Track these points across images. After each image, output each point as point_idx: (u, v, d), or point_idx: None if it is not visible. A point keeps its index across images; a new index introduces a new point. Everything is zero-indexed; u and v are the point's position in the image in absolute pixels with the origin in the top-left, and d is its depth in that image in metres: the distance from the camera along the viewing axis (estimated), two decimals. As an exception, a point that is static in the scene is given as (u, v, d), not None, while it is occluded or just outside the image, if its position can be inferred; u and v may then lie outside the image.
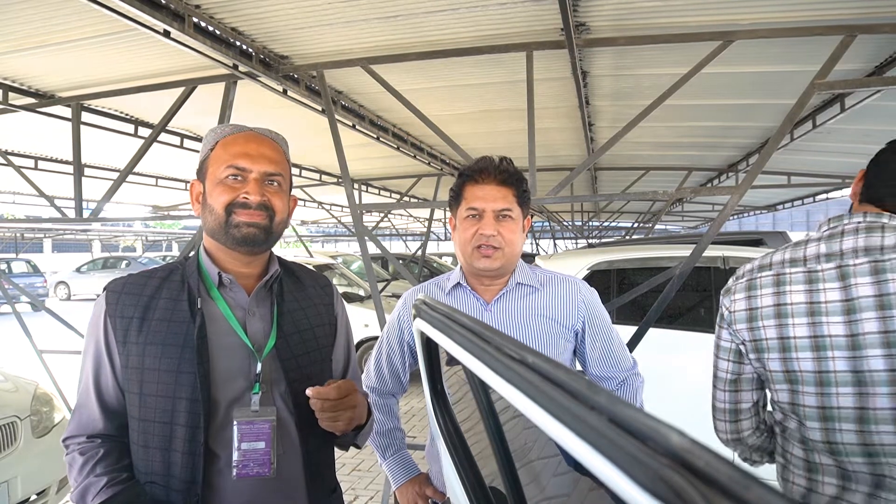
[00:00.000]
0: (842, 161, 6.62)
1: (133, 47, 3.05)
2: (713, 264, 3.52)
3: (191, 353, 1.08)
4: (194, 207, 1.21)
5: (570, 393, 0.41)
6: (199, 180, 1.20)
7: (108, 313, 1.12)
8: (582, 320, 1.52)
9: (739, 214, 15.67)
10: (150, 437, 1.08)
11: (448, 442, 0.98)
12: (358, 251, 10.86)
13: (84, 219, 3.99)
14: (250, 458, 1.09)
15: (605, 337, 1.55)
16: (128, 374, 1.10)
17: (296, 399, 1.15)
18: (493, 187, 1.44)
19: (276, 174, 1.17)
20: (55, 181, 6.85)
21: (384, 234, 17.72)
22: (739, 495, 0.27)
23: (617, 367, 1.57)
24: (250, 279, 1.20)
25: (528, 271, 1.55)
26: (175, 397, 1.07)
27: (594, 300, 1.56)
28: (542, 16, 2.71)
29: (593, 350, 1.55)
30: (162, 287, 1.15)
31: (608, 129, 5.09)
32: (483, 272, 1.49)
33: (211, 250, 1.19)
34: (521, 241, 1.48)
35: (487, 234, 1.43)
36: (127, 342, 1.10)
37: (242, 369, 1.13)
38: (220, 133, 1.20)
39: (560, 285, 1.54)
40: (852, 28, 2.60)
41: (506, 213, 1.44)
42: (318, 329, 1.26)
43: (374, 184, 9.32)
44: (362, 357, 7.19)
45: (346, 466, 4.47)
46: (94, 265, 20.55)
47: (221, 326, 1.14)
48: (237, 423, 1.09)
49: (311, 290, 1.31)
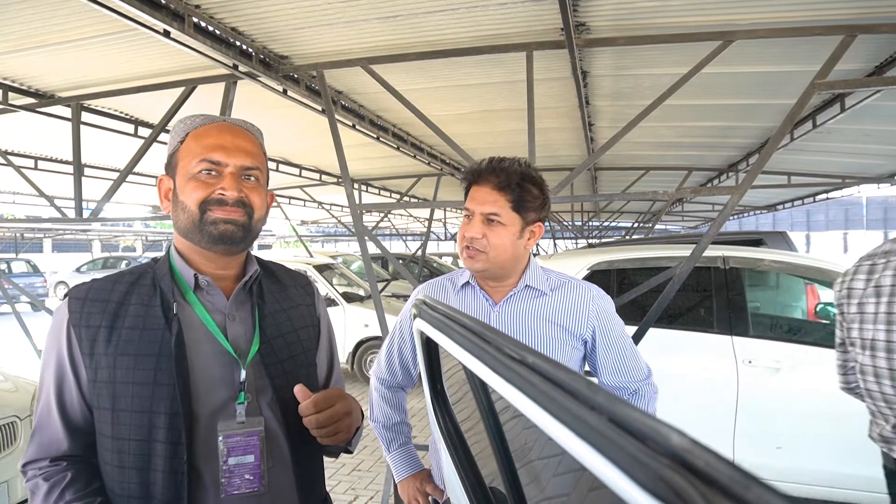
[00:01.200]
0: (842, 161, 6.62)
1: (133, 47, 3.05)
2: (713, 264, 3.52)
3: (168, 363, 0.99)
4: (163, 205, 1.12)
5: (570, 393, 0.41)
6: (168, 176, 1.11)
7: (72, 322, 1.02)
8: (592, 329, 1.50)
9: (739, 214, 15.68)
10: (125, 457, 0.98)
11: (448, 442, 0.98)
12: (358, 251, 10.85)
13: (84, 219, 3.99)
14: (239, 473, 1.02)
15: (618, 346, 1.53)
16: (97, 389, 1.00)
17: (283, 407, 1.08)
18: (487, 191, 1.44)
19: (254, 168, 1.09)
20: (55, 181, 6.86)
21: (384, 234, 17.73)
22: (739, 495, 0.27)
23: (630, 377, 1.55)
24: (228, 281, 1.12)
25: (540, 275, 1.54)
26: (152, 412, 0.98)
27: (607, 308, 1.53)
28: (542, 16, 2.71)
29: (605, 359, 1.53)
30: (131, 292, 1.05)
31: (608, 129, 5.10)
32: (472, 272, 1.51)
33: (184, 251, 1.10)
34: (512, 247, 1.45)
35: (470, 237, 1.44)
36: (94, 354, 1.00)
37: (225, 378, 1.04)
38: (190, 124, 1.10)
39: (572, 291, 1.52)
40: (852, 28, 2.60)
41: (493, 218, 1.43)
42: (301, 331, 1.19)
43: (374, 184, 9.32)
44: (362, 357, 7.19)
45: (346, 466, 4.47)
46: (94, 265, 20.56)
47: (200, 333, 1.05)
48: (223, 436, 1.01)
49: (292, 290, 1.23)
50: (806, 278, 4.01)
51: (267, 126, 1.25)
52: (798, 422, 3.17)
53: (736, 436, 3.23)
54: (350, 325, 7.23)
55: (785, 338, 3.54)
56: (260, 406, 1.07)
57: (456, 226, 19.15)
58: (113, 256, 22.26)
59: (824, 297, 4.67)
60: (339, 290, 7.63)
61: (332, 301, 7.39)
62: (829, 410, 3.16)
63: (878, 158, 6.41)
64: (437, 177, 7.72)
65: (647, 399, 1.57)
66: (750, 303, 3.58)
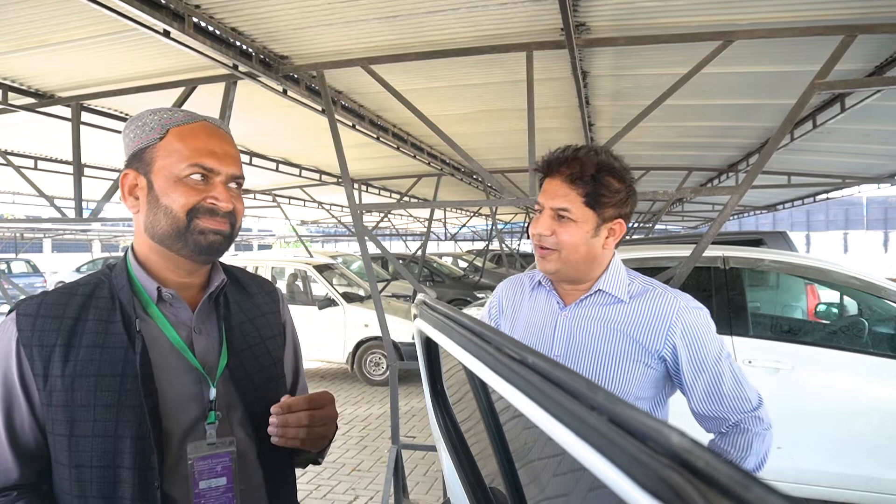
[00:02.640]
0: (842, 161, 6.62)
1: (133, 47, 3.05)
2: (713, 264, 3.52)
3: (133, 383, 0.93)
4: (128, 203, 1.02)
5: (570, 393, 0.41)
6: (136, 171, 1.01)
7: (22, 342, 0.93)
8: (672, 346, 1.29)
9: (739, 214, 15.68)
10: (87, 486, 0.91)
11: (448, 442, 0.98)
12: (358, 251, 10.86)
13: (84, 219, 3.99)
14: (212, 497, 0.97)
15: (711, 370, 1.29)
16: (52, 414, 0.92)
17: (255, 424, 1.04)
18: (558, 183, 1.31)
19: (240, 176, 1.04)
20: (55, 181, 6.86)
21: (384, 234, 17.73)
22: (739, 495, 0.27)
23: (727, 408, 1.30)
24: (192, 290, 1.05)
25: (620, 280, 1.37)
26: (116, 436, 0.91)
27: (696, 323, 1.30)
28: (542, 16, 2.71)
29: (695, 384, 1.30)
30: (87, 306, 0.98)
31: (608, 129, 5.10)
32: (545, 274, 1.38)
33: (149, 257, 1.03)
34: (585, 246, 1.31)
35: (538, 233, 1.32)
36: (49, 375, 0.92)
37: (194, 397, 0.99)
38: (168, 119, 1.01)
39: (655, 300, 1.33)
40: (852, 28, 2.60)
41: (562, 213, 1.29)
42: (269, 342, 1.13)
43: (374, 184, 9.32)
44: (363, 357, 7.19)
45: (346, 467, 4.47)
46: (93, 265, 20.56)
47: (164, 349, 0.98)
48: (193, 459, 0.96)
49: (258, 297, 1.17)
50: (806, 278, 4.01)
51: (267, 126, 1.25)
52: (798, 422, 3.17)
53: (736, 436, 3.23)
54: (350, 325, 7.23)
55: (785, 338, 3.53)
56: (231, 425, 1.02)
57: (455, 226, 19.15)
58: (113, 256, 22.26)
59: (824, 297, 4.67)
60: (339, 290, 7.63)
61: (333, 301, 7.39)
62: (829, 410, 3.16)
63: (878, 158, 6.41)
64: (437, 177, 7.72)
65: (753, 435, 1.28)
66: (750, 303, 3.58)
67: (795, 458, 3.16)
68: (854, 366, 3.18)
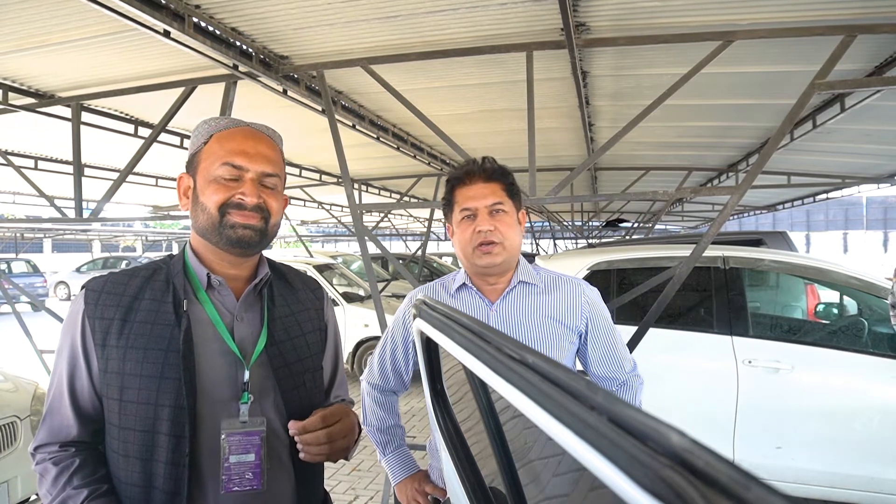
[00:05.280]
0: (842, 161, 6.62)
1: (133, 47, 3.05)
2: (713, 264, 3.52)
3: (175, 358, 1.02)
4: (181, 202, 1.15)
5: (570, 393, 0.41)
6: (188, 174, 1.13)
7: (87, 314, 1.05)
8: (585, 321, 1.51)
9: (739, 214, 15.67)
10: (130, 446, 1.01)
11: (448, 442, 0.98)
12: (358, 251, 10.86)
13: (84, 219, 3.99)
14: (239, 471, 1.04)
15: (607, 337, 1.54)
16: (107, 379, 1.03)
17: (288, 410, 1.11)
18: (480, 185, 1.45)
19: (273, 175, 1.12)
20: (55, 181, 6.86)
21: (384, 234, 17.73)
22: (739, 495, 0.27)
23: (619, 368, 1.56)
24: (239, 282, 1.15)
25: (530, 270, 1.53)
26: (157, 404, 1.01)
27: (597, 299, 1.55)
28: (542, 16, 2.71)
29: (595, 350, 1.54)
30: (145, 287, 1.08)
31: (608, 129, 5.10)
32: (487, 269, 1.47)
33: (199, 250, 1.13)
34: (518, 235, 1.48)
35: (485, 230, 1.43)
36: (106, 345, 1.03)
37: (229, 377, 1.07)
38: (214, 126, 1.12)
39: (564, 286, 1.53)
40: (852, 28, 2.60)
41: (498, 208, 1.44)
42: (309, 336, 1.21)
43: (374, 184, 9.32)
44: (363, 357, 7.19)
45: (346, 466, 4.47)
46: (94, 265, 20.56)
47: (208, 331, 1.08)
48: (225, 434, 1.04)
49: (302, 293, 1.25)
50: (806, 278, 4.01)
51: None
52: (798, 422, 3.17)
53: (736, 436, 3.23)
54: (350, 325, 7.23)
55: (785, 338, 3.53)
56: (263, 407, 1.10)
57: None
58: (113, 256, 22.25)
59: (824, 297, 4.67)
60: (339, 290, 7.63)
61: (333, 301, 7.38)
62: (828, 410, 3.16)
63: (878, 158, 6.41)
64: (437, 177, 7.72)
65: (635, 390, 1.58)
66: (750, 303, 3.58)
67: (795, 458, 3.16)
68: (854, 366, 3.18)
